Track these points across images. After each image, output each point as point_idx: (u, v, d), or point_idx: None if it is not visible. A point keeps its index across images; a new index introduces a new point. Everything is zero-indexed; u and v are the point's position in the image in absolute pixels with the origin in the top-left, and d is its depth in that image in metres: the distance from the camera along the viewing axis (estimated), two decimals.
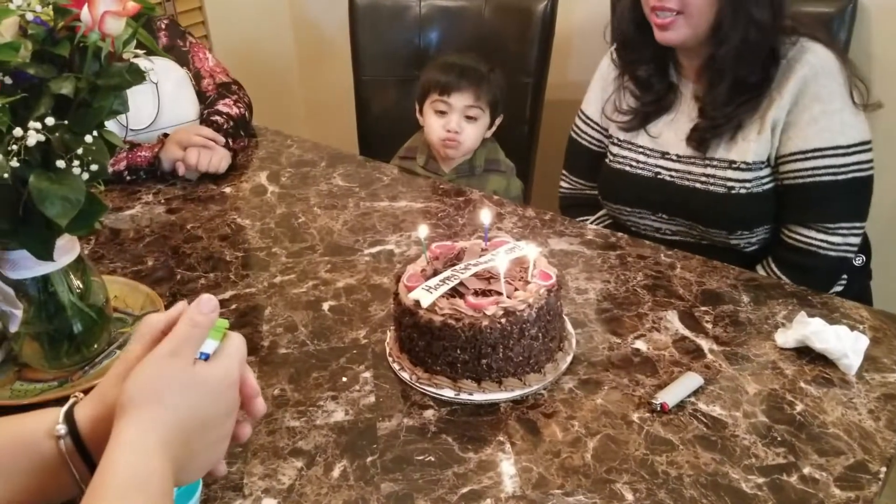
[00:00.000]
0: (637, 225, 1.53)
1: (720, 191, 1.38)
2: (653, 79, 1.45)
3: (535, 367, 1.02)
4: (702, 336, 1.10)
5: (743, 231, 1.40)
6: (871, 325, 1.11)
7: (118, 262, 1.34)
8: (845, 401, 0.97)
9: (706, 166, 1.39)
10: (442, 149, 1.74)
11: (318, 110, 2.97)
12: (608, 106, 1.53)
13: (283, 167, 1.67)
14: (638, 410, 0.97)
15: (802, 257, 1.38)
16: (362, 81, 2.14)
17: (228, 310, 1.19)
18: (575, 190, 1.68)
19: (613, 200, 1.54)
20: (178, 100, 1.68)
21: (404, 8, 2.07)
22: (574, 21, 2.13)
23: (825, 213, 1.35)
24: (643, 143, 1.47)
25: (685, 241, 1.47)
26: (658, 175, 1.45)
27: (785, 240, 1.40)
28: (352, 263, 1.31)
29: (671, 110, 1.45)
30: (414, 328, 1.01)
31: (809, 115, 1.31)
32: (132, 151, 1.60)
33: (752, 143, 1.34)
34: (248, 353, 1.06)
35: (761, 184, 1.37)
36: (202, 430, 0.63)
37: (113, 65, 0.91)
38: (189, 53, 1.80)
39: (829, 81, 1.30)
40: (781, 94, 1.31)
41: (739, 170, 1.35)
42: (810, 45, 1.32)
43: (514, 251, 1.07)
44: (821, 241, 1.36)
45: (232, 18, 2.65)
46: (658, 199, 1.46)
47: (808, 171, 1.33)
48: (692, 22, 1.30)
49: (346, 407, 0.99)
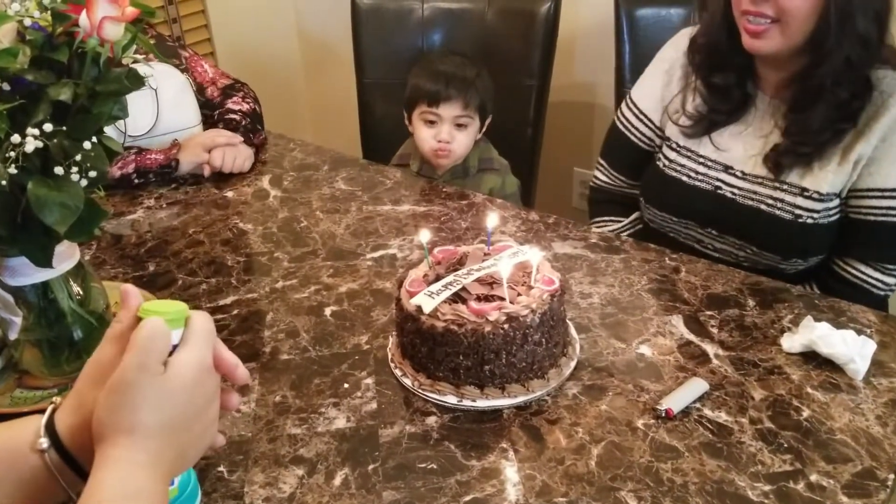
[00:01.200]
0: (678, 233, 1.46)
1: (786, 217, 1.30)
2: (731, 88, 1.34)
3: (539, 372, 1.01)
4: (707, 341, 1.09)
5: (798, 258, 1.34)
6: (878, 330, 1.10)
7: (119, 267, 1.34)
8: (853, 406, 0.96)
9: (776, 189, 1.31)
10: (434, 158, 1.73)
11: (323, 114, 2.97)
12: (671, 106, 1.43)
13: (286, 171, 1.66)
14: (643, 417, 0.96)
15: (850, 291, 1.32)
16: (365, 84, 2.13)
17: (230, 315, 1.19)
18: (612, 184, 1.60)
19: (660, 208, 1.46)
20: (178, 106, 1.67)
21: (407, 11, 2.07)
22: (577, 23, 2.12)
23: (888, 253, 1.31)
24: (705, 154, 1.38)
25: (726, 259, 1.40)
26: (718, 190, 1.37)
27: (837, 271, 1.35)
28: (354, 268, 1.30)
29: (741, 122, 1.36)
30: (416, 334, 1.00)
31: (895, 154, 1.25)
32: (141, 154, 1.59)
33: (830, 174, 1.27)
34: (249, 359, 1.08)
35: (829, 215, 1.30)
36: (188, 426, 0.62)
37: (112, 70, 0.90)
38: (185, 69, 1.79)
39: None
40: (871, 128, 1.24)
41: (811, 199, 1.28)
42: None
43: (516, 256, 1.06)
44: (875, 279, 1.32)
45: (235, 23, 2.64)
46: (713, 214, 1.38)
47: (883, 210, 1.27)
48: (788, 32, 1.20)
49: (348, 414, 0.99)
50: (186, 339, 0.64)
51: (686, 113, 1.41)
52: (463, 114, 1.69)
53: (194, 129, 1.69)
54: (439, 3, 2.05)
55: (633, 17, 1.83)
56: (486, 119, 1.76)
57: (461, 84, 1.68)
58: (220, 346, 0.67)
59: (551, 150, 2.16)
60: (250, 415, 0.99)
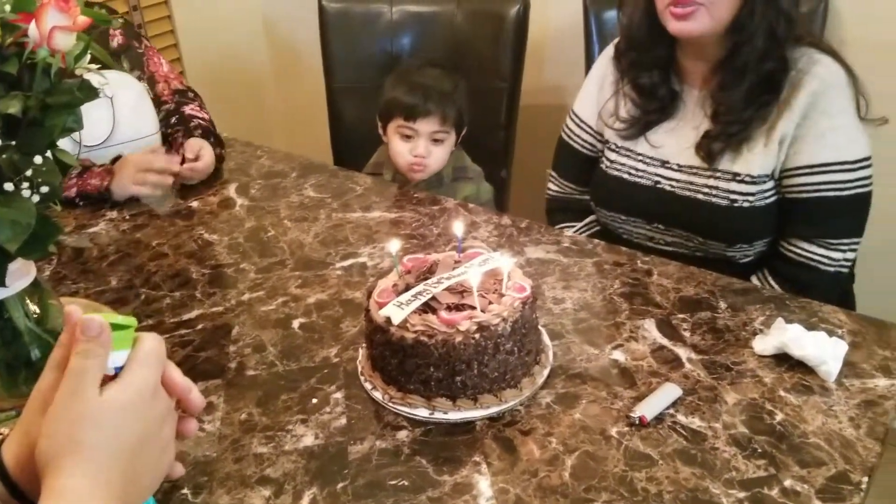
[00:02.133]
0: (630, 233, 1.49)
1: (723, 203, 1.34)
2: (656, 86, 1.39)
3: (512, 382, 0.99)
4: (680, 345, 1.08)
5: (742, 244, 1.37)
6: (849, 330, 1.09)
7: (81, 282, 1.30)
8: (825, 409, 0.96)
9: (709, 177, 1.35)
10: (409, 173, 1.70)
11: (293, 120, 2.94)
12: (605, 111, 1.49)
13: (253, 179, 1.64)
14: (616, 424, 0.95)
15: (801, 271, 1.35)
16: (334, 89, 2.11)
17: (194, 330, 1.16)
18: (563, 193, 1.64)
19: (608, 208, 1.50)
20: (136, 115, 1.63)
21: (376, 14, 2.05)
22: (547, 25, 2.11)
23: (828, 228, 1.33)
24: (643, 151, 1.43)
25: (678, 251, 1.44)
26: (658, 184, 1.41)
27: (784, 253, 1.38)
28: (323, 278, 1.28)
29: (673, 118, 1.41)
30: (386, 346, 0.98)
31: (818, 130, 1.28)
32: (82, 177, 1.54)
33: (759, 156, 1.31)
34: (214, 375, 1.05)
35: (764, 197, 1.34)
36: (138, 451, 0.60)
37: (64, 81, 0.87)
38: (144, 56, 1.76)
39: (838, 96, 1.28)
40: (791, 106, 1.28)
41: (744, 182, 1.32)
42: (819, 56, 1.29)
43: (487, 263, 1.04)
44: (821, 255, 1.34)
45: (201, 28, 2.60)
46: (656, 209, 1.42)
47: (815, 185, 1.30)
48: (715, 12, 1.25)
49: (317, 430, 0.96)
50: (130, 359, 0.61)
51: (620, 118, 1.45)
52: (440, 129, 1.66)
53: (152, 137, 1.65)
54: (408, 6, 2.04)
55: (601, 20, 1.82)
56: (461, 131, 1.74)
57: (439, 98, 1.65)
58: (172, 369, 0.65)
59: (524, 152, 2.15)
60: (215, 434, 0.96)
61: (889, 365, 1.02)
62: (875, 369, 1.02)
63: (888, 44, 1.67)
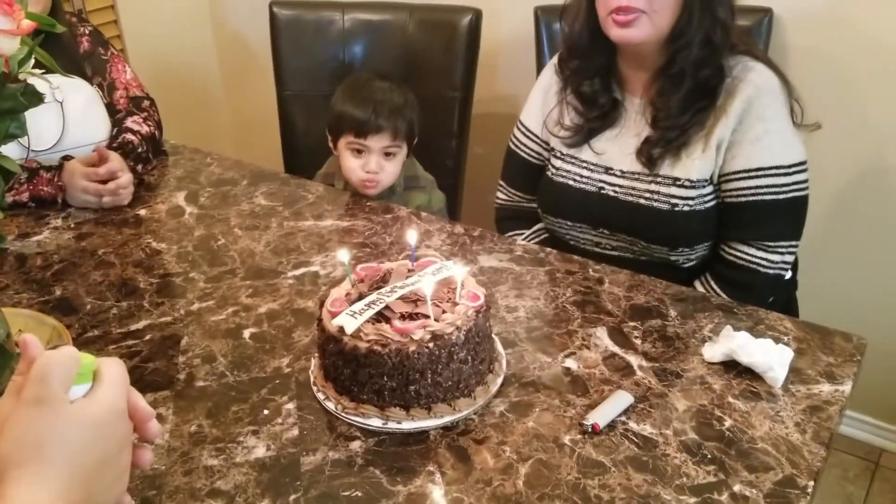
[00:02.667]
0: (577, 239, 1.51)
1: (664, 207, 1.37)
2: (597, 94, 1.42)
3: (465, 391, 0.99)
4: (631, 352, 1.10)
5: (684, 248, 1.39)
6: (795, 337, 1.12)
7: (24, 292, 1.26)
8: (772, 414, 0.98)
9: (651, 182, 1.37)
10: (360, 188, 1.67)
11: (244, 126, 2.90)
12: (549, 120, 1.51)
13: (203, 187, 1.61)
14: (569, 432, 0.96)
15: (741, 274, 1.38)
16: (286, 97, 2.09)
17: (142, 341, 1.13)
18: (512, 202, 1.66)
19: (554, 214, 1.52)
20: (86, 119, 1.60)
21: (328, 22, 2.03)
22: (499, 35, 2.13)
23: (765, 231, 1.36)
24: (587, 158, 1.45)
25: (624, 256, 1.46)
26: (602, 190, 1.43)
27: (724, 256, 1.40)
28: (274, 287, 1.26)
29: (615, 126, 1.43)
30: (339, 356, 0.97)
31: (753, 135, 1.31)
32: (32, 182, 1.51)
33: (697, 161, 1.34)
34: (163, 387, 1.03)
35: (704, 202, 1.36)
36: (97, 472, 0.58)
37: (7, 87, 0.85)
38: (108, 63, 1.73)
39: (772, 101, 1.31)
40: (727, 112, 1.31)
41: (683, 187, 1.35)
42: (753, 63, 1.33)
43: (440, 272, 1.04)
44: (760, 258, 1.37)
45: (149, 32, 2.56)
46: (601, 214, 1.44)
47: (751, 189, 1.33)
48: (656, 20, 1.28)
49: (268, 442, 0.95)
50: (98, 381, 0.60)
51: (564, 126, 1.48)
52: (392, 144, 1.64)
53: (103, 143, 1.62)
54: (360, 14, 2.03)
55: (552, 30, 1.84)
56: (412, 142, 1.73)
57: (389, 114, 1.62)
58: (136, 396, 0.64)
59: (476, 161, 2.16)
60: (164, 446, 0.94)
61: (833, 371, 1.05)
62: (820, 375, 1.04)
63: (830, 55, 1.73)
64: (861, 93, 1.72)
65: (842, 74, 1.73)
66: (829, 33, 1.71)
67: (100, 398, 0.59)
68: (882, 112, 1.72)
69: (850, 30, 1.69)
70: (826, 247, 1.86)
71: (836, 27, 1.70)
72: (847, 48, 1.71)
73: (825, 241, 1.85)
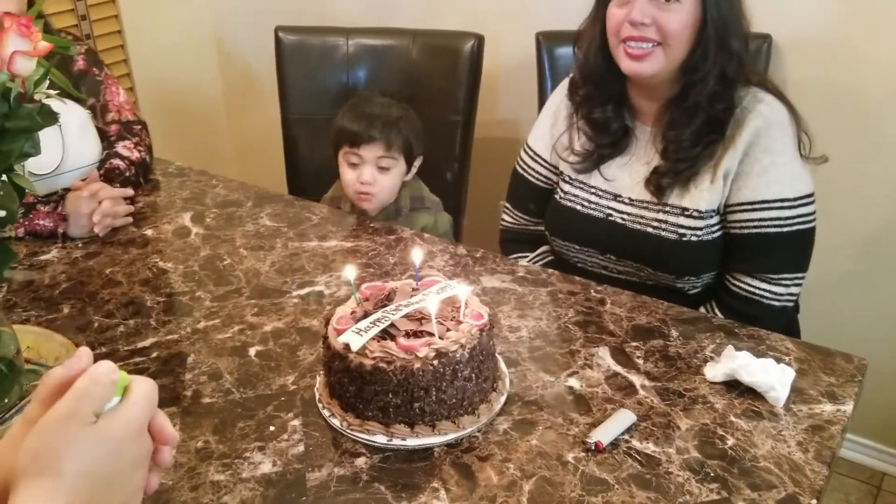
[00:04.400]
0: (584, 262, 1.51)
1: (671, 237, 1.37)
2: (609, 121, 1.42)
3: (469, 408, 1.00)
4: (633, 372, 1.11)
5: (690, 276, 1.40)
6: (796, 357, 1.13)
7: (32, 310, 1.27)
8: (774, 433, 0.98)
9: (659, 212, 1.38)
10: (357, 201, 1.70)
11: (247, 149, 2.93)
12: (559, 144, 1.51)
13: (209, 208, 1.63)
14: (573, 450, 0.96)
15: (746, 305, 1.38)
16: (290, 120, 2.11)
17: (149, 358, 1.14)
18: (518, 224, 1.66)
19: (562, 237, 1.52)
20: (81, 141, 1.59)
21: (332, 47, 2.06)
22: (500, 60, 2.16)
23: (769, 263, 1.36)
24: (596, 184, 1.45)
25: (630, 280, 1.46)
26: (609, 217, 1.43)
27: (729, 286, 1.40)
28: (280, 306, 1.28)
29: (625, 153, 1.43)
30: (344, 373, 0.98)
31: (760, 167, 1.31)
32: (28, 217, 1.50)
33: (705, 192, 1.34)
34: (169, 403, 1.03)
35: (711, 232, 1.36)
36: (106, 487, 0.58)
37: (23, 106, 0.86)
38: (103, 84, 1.74)
39: (780, 133, 1.31)
40: (735, 143, 1.31)
41: (692, 217, 1.35)
42: (762, 94, 1.33)
43: (445, 291, 1.05)
44: (764, 290, 1.37)
45: (154, 56, 2.59)
46: (608, 240, 1.44)
47: (755, 222, 1.33)
48: (670, 53, 1.29)
49: (274, 458, 0.96)
50: (126, 397, 0.61)
51: (574, 151, 1.48)
52: (385, 155, 1.66)
53: (95, 165, 1.62)
54: (364, 39, 2.06)
55: (553, 55, 1.87)
56: (413, 160, 1.75)
57: (383, 125, 1.66)
58: (163, 418, 0.64)
59: (478, 184, 2.18)
60: (171, 462, 0.95)
61: (834, 391, 1.06)
62: (821, 395, 1.05)
63: (829, 83, 1.75)
64: (860, 116, 1.75)
65: (841, 99, 1.75)
66: (828, 58, 1.74)
67: (122, 413, 0.60)
68: (883, 136, 1.74)
69: (849, 54, 1.71)
70: (827, 268, 1.87)
71: (834, 52, 1.73)
72: (847, 73, 1.73)
73: (826, 262, 1.86)
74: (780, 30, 1.72)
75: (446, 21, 2.12)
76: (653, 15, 1.27)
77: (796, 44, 1.75)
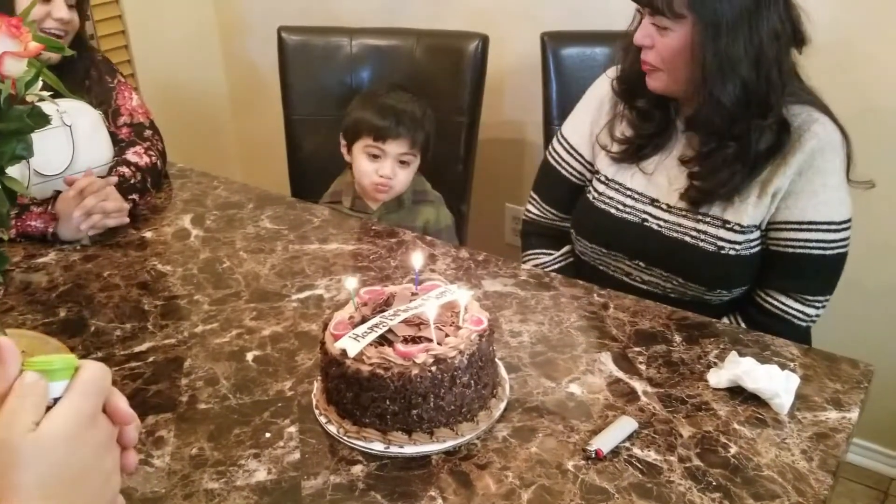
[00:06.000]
0: (607, 266, 1.48)
1: (710, 248, 1.33)
2: (653, 109, 1.39)
3: (468, 415, 0.99)
4: (636, 378, 1.09)
5: (722, 290, 1.37)
6: (801, 363, 1.11)
7: (28, 313, 1.27)
8: (778, 441, 0.97)
9: (699, 221, 1.34)
10: (371, 192, 1.71)
11: (252, 150, 2.93)
12: (603, 134, 1.47)
13: (209, 210, 1.62)
14: (573, 458, 0.95)
15: (774, 322, 1.35)
16: (293, 121, 2.10)
17: (145, 363, 1.13)
18: (544, 218, 1.62)
19: (590, 240, 1.48)
20: (93, 142, 1.60)
21: (335, 47, 2.05)
22: (505, 61, 2.14)
23: (808, 284, 1.34)
24: (633, 186, 1.41)
25: (653, 291, 1.43)
26: (645, 222, 1.40)
27: (760, 302, 1.38)
28: (279, 310, 1.26)
29: (665, 149, 1.40)
30: (341, 379, 0.97)
31: (811, 188, 1.28)
32: (20, 218, 1.48)
33: (751, 207, 1.31)
34: (165, 409, 1.02)
35: (750, 247, 1.33)
36: (79, 483, 0.57)
37: (14, 108, 0.86)
38: (115, 90, 1.73)
39: (833, 156, 1.29)
40: (787, 162, 1.28)
41: (733, 231, 1.32)
42: (817, 115, 1.30)
43: (444, 296, 1.04)
44: (797, 310, 1.35)
45: (160, 56, 2.59)
46: (640, 246, 1.41)
47: (801, 242, 1.31)
48: (670, 77, 1.30)
49: (270, 465, 0.94)
50: (68, 388, 0.59)
51: (615, 139, 1.44)
52: (408, 151, 1.68)
53: (109, 165, 1.62)
54: (368, 39, 2.05)
55: (558, 56, 1.85)
56: (427, 156, 1.75)
57: (410, 122, 1.67)
58: (117, 398, 0.62)
59: (482, 185, 2.17)
60: (164, 469, 0.94)
61: (840, 398, 1.04)
62: (826, 402, 1.03)
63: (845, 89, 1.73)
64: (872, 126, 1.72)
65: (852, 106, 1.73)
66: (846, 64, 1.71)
67: (63, 410, 0.58)
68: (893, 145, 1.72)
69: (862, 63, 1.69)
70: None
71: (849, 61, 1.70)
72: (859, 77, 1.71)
73: None
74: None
75: (451, 21, 2.10)
76: (653, 37, 1.28)
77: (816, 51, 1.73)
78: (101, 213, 1.49)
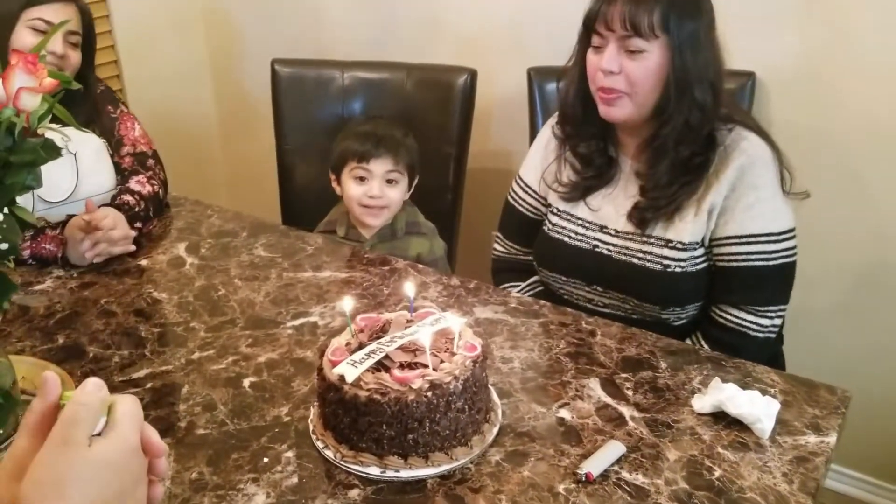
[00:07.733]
0: (570, 294, 1.54)
1: (656, 268, 1.40)
2: (594, 154, 1.47)
3: (462, 440, 1.01)
4: (623, 403, 1.12)
5: (675, 307, 1.42)
6: (781, 389, 1.15)
7: (27, 340, 1.28)
8: (761, 465, 1.00)
9: (644, 243, 1.41)
10: (364, 216, 1.74)
11: (241, 179, 2.95)
12: (548, 175, 1.55)
13: (203, 238, 1.64)
14: (564, 481, 0.98)
15: (731, 336, 1.41)
16: (285, 150, 2.14)
17: (143, 389, 1.15)
18: (509, 254, 1.69)
19: (549, 269, 1.55)
20: (96, 171, 1.63)
21: (328, 79, 2.10)
22: (493, 94, 2.19)
23: (756, 296, 1.39)
24: (582, 216, 1.48)
25: (615, 314, 1.48)
26: (596, 248, 1.46)
27: (715, 318, 1.43)
28: (274, 337, 1.29)
29: (611, 185, 1.47)
30: (339, 404, 0.99)
31: (745, 202, 1.35)
32: (35, 240, 1.52)
33: (689, 224, 1.37)
34: (164, 434, 1.04)
35: (695, 263, 1.39)
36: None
37: (27, 140, 0.88)
38: (117, 121, 1.76)
39: (763, 170, 1.35)
40: (719, 179, 1.35)
41: (676, 249, 1.38)
42: (745, 133, 1.37)
43: (438, 322, 1.07)
44: (750, 322, 1.40)
45: (151, 85, 2.62)
46: (594, 271, 1.47)
47: (743, 255, 1.37)
48: (637, 101, 1.35)
49: (268, 489, 0.96)
50: (112, 421, 0.62)
51: (561, 182, 1.52)
52: (393, 168, 1.73)
53: (111, 193, 1.65)
54: (359, 72, 2.09)
55: (544, 91, 1.91)
56: (413, 179, 1.80)
57: (391, 142, 1.73)
58: (150, 431, 0.65)
59: (471, 215, 2.20)
60: (165, 493, 0.95)
61: (819, 423, 1.08)
62: (806, 427, 1.07)
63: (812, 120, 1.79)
64: (842, 153, 1.78)
65: (823, 137, 1.79)
66: (811, 96, 1.78)
67: (116, 437, 0.61)
68: (863, 171, 1.77)
69: (831, 92, 1.75)
70: (811, 301, 1.90)
71: (817, 90, 1.76)
72: (829, 111, 1.77)
73: (810, 295, 1.88)
74: (763, 67, 1.77)
75: (440, 56, 2.15)
76: (621, 63, 1.33)
77: (780, 81, 1.79)
78: (107, 242, 1.52)
